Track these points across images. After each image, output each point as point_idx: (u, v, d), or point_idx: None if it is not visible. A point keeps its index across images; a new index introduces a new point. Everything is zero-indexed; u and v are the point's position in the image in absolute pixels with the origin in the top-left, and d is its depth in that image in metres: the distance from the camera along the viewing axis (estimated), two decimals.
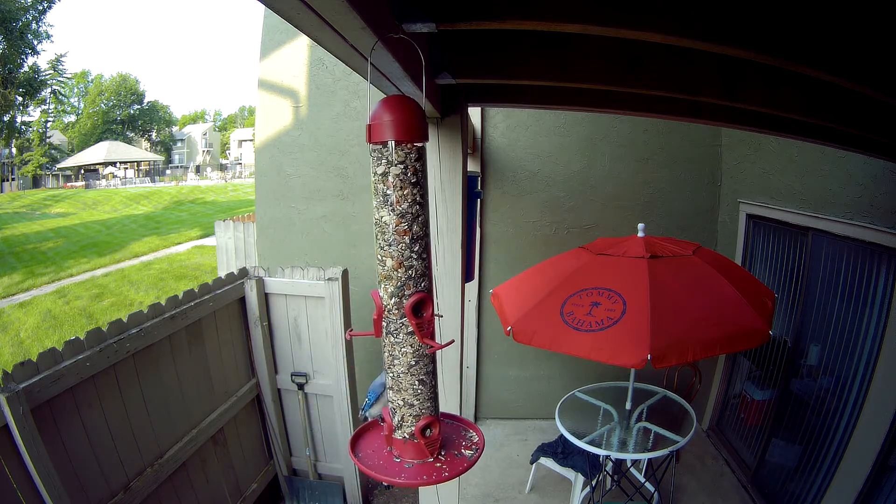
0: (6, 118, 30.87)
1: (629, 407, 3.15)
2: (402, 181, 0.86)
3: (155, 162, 42.32)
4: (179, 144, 48.59)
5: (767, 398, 3.53)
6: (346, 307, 3.23)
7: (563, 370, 4.42)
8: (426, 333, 0.91)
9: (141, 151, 42.25)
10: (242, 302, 3.30)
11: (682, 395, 3.44)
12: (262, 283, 3.30)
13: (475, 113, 3.95)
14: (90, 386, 2.19)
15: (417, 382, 0.94)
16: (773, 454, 3.34)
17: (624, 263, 2.71)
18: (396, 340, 0.92)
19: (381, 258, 0.89)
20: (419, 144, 0.87)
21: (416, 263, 0.89)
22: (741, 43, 0.95)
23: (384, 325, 0.92)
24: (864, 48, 1.01)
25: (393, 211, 0.86)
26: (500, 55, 1.24)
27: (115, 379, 2.33)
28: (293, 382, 3.44)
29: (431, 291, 0.93)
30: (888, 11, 0.96)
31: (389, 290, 0.90)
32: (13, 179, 34.73)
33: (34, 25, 28.06)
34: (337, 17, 0.70)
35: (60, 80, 33.61)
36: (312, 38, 0.81)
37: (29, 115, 34.72)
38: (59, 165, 37.48)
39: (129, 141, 43.50)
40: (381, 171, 0.86)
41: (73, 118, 42.50)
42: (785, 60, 0.98)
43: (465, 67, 1.23)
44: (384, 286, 0.90)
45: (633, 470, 3.41)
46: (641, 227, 2.97)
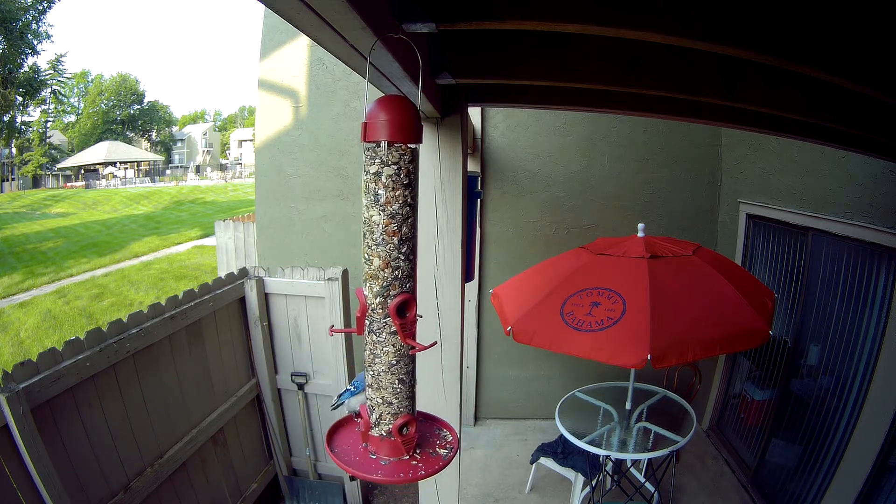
0: (6, 118, 30.88)
1: (629, 407, 3.15)
2: (394, 182, 0.85)
3: (155, 162, 42.33)
4: (179, 144, 48.60)
5: (767, 398, 3.53)
6: (345, 307, 3.23)
7: (563, 370, 4.42)
8: (409, 334, 0.91)
9: (141, 151, 42.26)
10: (242, 302, 3.30)
11: (682, 395, 3.44)
12: (262, 283, 3.30)
13: (475, 113, 3.95)
14: (90, 386, 2.18)
15: (397, 381, 0.95)
16: (773, 454, 3.34)
17: (624, 263, 2.71)
18: (379, 339, 0.92)
19: (367, 257, 0.89)
20: (413, 146, 0.87)
21: (402, 265, 0.90)
22: (741, 43, 0.95)
23: (367, 323, 0.92)
24: (864, 48, 1.01)
25: (383, 211, 0.86)
26: (500, 55, 1.23)
27: (115, 379, 2.32)
28: (293, 382, 3.44)
29: (415, 293, 0.93)
30: (888, 11, 0.96)
31: (375, 289, 0.90)
32: (13, 179, 34.73)
33: (34, 25, 28.09)
34: (337, 17, 0.70)
35: (60, 80, 33.66)
36: (312, 38, 0.81)
37: (29, 115, 34.79)
38: (59, 165, 37.48)
39: (129, 141, 43.51)
40: (374, 170, 0.86)
41: (73, 118, 42.55)
42: (785, 60, 0.97)
43: (465, 67, 1.23)
44: (369, 285, 0.90)
45: (633, 470, 3.41)
46: (641, 227, 2.97)
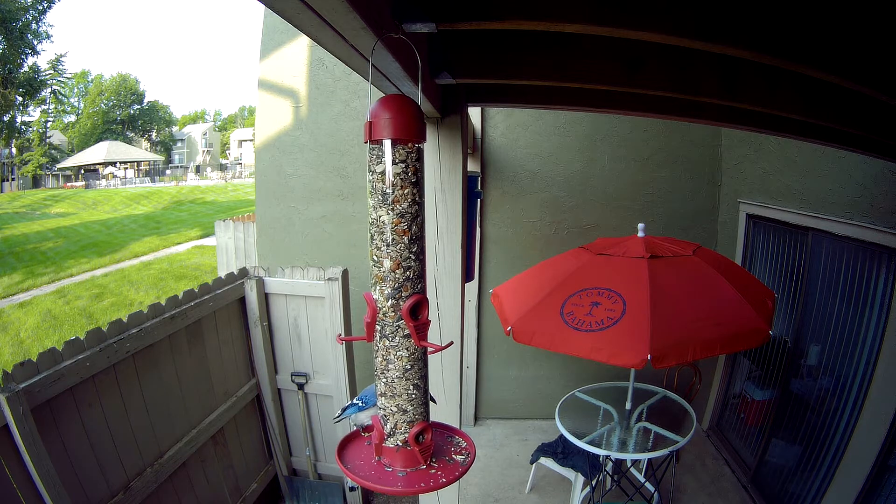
0: (6, 118, 30.88)
1: (629, 407, 3.15)
2: (402, 180, 0.84)
3: (155, 162, 42.31)
4: (179, 144, 48.58)
5: (767, 398, 3.53)
6: (346, 307, 3.23)
7: (563, 370, 4.42)
8: (423, 336, 0.89)
9: (141, 151, 42.24)
10: (242, 302, 3.30)
11: (682, 395, 3.44)
12: (262, 283, 3.30)
13: (475, 113, 3.95)
14: (90, 386, 2.18)
15: (412, 387, 0.91)
16: (773, 454, 3.34)
17: (624, 263, 2.71)
18: (392, 344, 0.89)
19: (377, 259, 0.87)
20: (419, 144, 0.87)
21: (413, 264, 0.87)
22: (741, 43, 0.95)
23: (378, 328, 0.89)
24: (864, 48, 1.01)
25: (392, 210, 0.85)
26: (500, 55, 1.23)
27: (115, 379, 2.32)
28: (293, 382, 3.44)
29: (426, 293, 0.91)
30: (888, 11, 0.96)
31: (386, 291, 0.87)
32: (13, 179, 34.72)
33: (34, 25, 28.09)
34: (337, 17, 0.70)
35: (60, 80, 33.66)
36: (312, 38, 0.81)
37: (29, 115, 34.80)
38: (59, 165, 37.46)
39: (129, 141, 43.50)
40: (380, 169, 0.84)
41: (73, 118, 42.54)
42: (785, 60, 0.97)
43: (465, 67, 1.23)
44: (380, 288, 0.88)
45: (633, 470, 3.41)
46: (641, 227, 2.97)
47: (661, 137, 4.13)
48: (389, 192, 0.84)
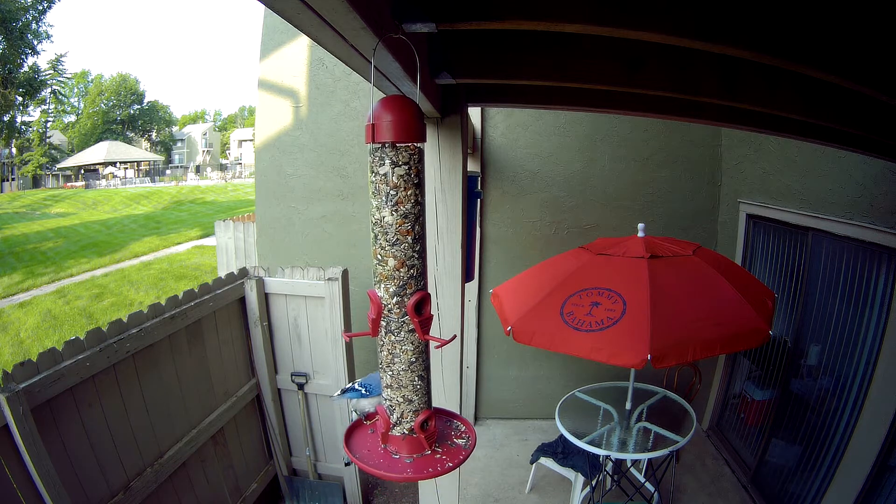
0: (6, 118, 30.89)
1: (629, 407, 3.15)
2: (405, 182, 0.86)
3: (155, 162, 42.31)
4: (179, 144, 48.58)
5: (767, 398, 3.53)
6: (346, 307, 3.23)
7: (563, 370, 4.42)
8: (426, 330, 0.93)
9: (141, 151, 42.24)
10: (242, 302, 3.30)
11: (682, 395, 3.44)
12: (262, 283, 3.30)
13: (475, 113, 3.95)
14: (90, 386, 2.18)
15: (417, 378, 0.96)
16: (773, 454, 3.34)
17: (624, 263, 2.71)
18: (398, 339, 0.93)
19: (381, 258, 0.90)
20: (420, 145, 0.88)
21: (417, 262, 0.91)
22: (741, 43, 0.95)
23: (384, 324, 0.93)
24: (864, 48, 1.01)
25: (396, 211, 0.87)
26: (500, 55, 1.23)
27: (114, 379, 2.32)
28: (293, 382, 3.44)
29: (427, 290, 0.95)
30: (888, 11, 0.96)
31: (391, 289, 0.90)
32: (13, 179, 34.72)
33: (34, 25, 28.09)
34: (337, 17, 0.70)
35: (60, 80, 33.65)
36: (313, 38, 0.81)
37: (29, 115, 34.80)
38: (59, 165, 37.46)
39: (129, 141, 43.50)
40: (383, 171, 0.86)
41: (73, 118, 42.54)
42: (785, 60, 0.98)
43: (465, 67, 1.23)
44: (385, 286, 0.91)
45: (633, 470, 3.41)
46: (641, 226, 2.97)
47: (661, 137, 4.13)
48: (393, 193, 0.86)
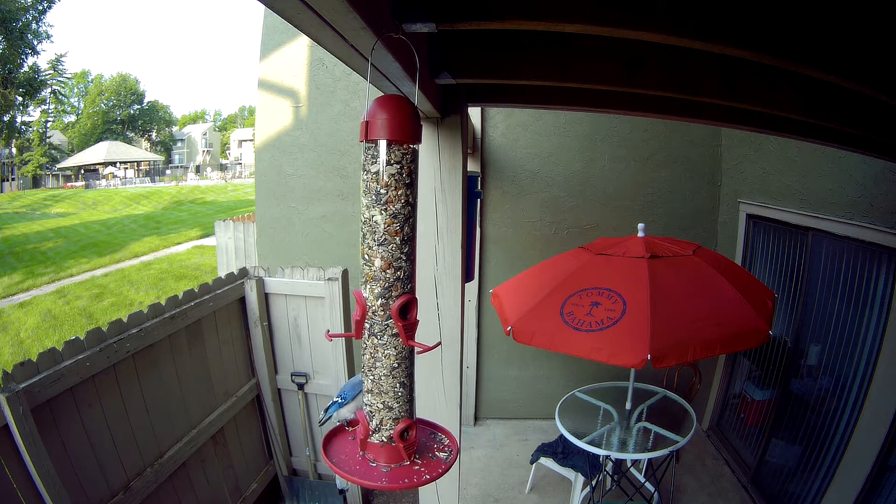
0: (6, 118, 30.89)
1: (629, 407, 3.15)
2: (396, 181, 0.85)
3: (155, 162, 42.31)
4: (179, 144, 48.58)
5: (767, 398, 3.53)
6: (345, 307, 3.23)
7: (563, 370, 4.42)
8: (411, 336, 0.90)
9: (141, 151, 42.24)
10: (242, 302, 3.30)
11: (682, 395, 3.44)
12: (262, 283, 3.30)
13: (475, 113, 3.95)
14: (90, 386, 2.18)
15: (399, 385, 0.92)
16: (773, 454, 3.34)
17: (624, 263, 2.71)
18: (380, 342, 0.90)
19: (368, 258, 0.88)
20: (414, 146, 0.87)
21: (404, 265, 0.88)
22: (741, 43, 0.95)
23: (367, 326, 0.90)
24: (864, 48, 1.01)
25: (385, 211, 0.85)
26: (500, 55, 1.23)
27: (115, 379, 2.32)
28: (293, 382, 3.44)
29: (415, 294, 0.92)
30: (888, 11, 0.96)
31: (376, 290, 0.88)
32: (13, 179, 34.71)
33: (34, 25, 28.10)
34: (337, 17, 0.70)
35: (60, 80, 33.67)
36: (312, 37, 0.81)
37: (29, 115, 34.81)
38: (59, 165, 37.46)
39: (129, 141, 43.50)
40: (375, 169, 0.85)
41: (73, 118, 42.55)
42: (785, 60, 0.97)
43: (465, 67, 1.23)
44: (370, 287, 0.88)
45: (633, 470, 3.41)
46: (641, 227, 2.98)
47: (661, 137, 4.13)
48: (383, 192, 0.85)
